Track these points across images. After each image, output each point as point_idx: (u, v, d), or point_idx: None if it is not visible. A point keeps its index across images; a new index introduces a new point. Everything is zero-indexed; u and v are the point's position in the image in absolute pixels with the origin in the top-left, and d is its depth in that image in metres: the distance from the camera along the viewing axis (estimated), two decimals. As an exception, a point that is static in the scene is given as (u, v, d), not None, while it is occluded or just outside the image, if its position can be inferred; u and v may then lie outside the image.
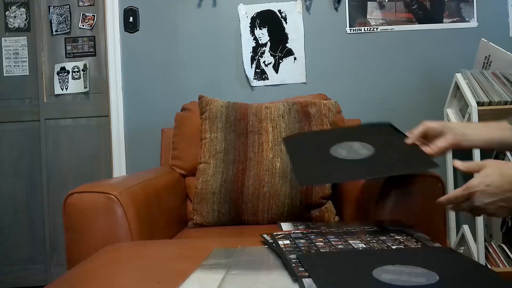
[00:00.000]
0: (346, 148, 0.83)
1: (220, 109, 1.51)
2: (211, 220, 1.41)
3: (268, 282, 0.62)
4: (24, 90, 2.25)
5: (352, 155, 0.79)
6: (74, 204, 1.05)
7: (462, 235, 1.84)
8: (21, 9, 2.26)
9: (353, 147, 0.84)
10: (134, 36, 2.14)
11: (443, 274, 0.61)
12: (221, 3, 2.12)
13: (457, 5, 2.07)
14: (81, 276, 0.75)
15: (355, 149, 0.82)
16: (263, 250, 0.81)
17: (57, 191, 2.22)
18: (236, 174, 1.41)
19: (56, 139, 2.24)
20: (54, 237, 2.23)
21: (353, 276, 0.62)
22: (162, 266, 0.75)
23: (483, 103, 1.70)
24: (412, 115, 2.08)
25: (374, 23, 2.09)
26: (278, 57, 2.10)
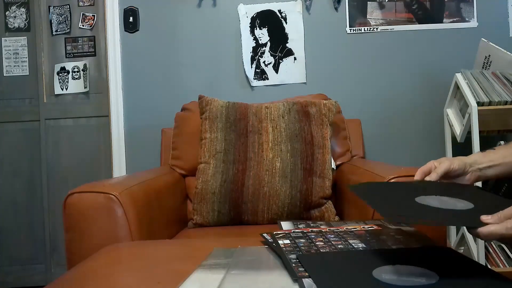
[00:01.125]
0: (437, 200, 0.71)
1: (220, 109, 1.51)
2: (211, 220, 1.41)
3: (268, 282, 0.62)
4: (24, 90, 2.25)
5: (447, 206, 0.69)
6: (74, 204, 1.05)
7: (462, 235, 1.84)
8: (21, 9, 2.26)
9: (445, 200, 0.72)
10: (134, 36, 2.14)
11: (443, 274, 0.61)
12: (221, 3, 2.12)
13: (457, 5, 2.07)
14: (81, 276, 0.75)
15: (449, 202, 0.71)
16: (263, 250, 0.81)
17: (57, 191, 2.22)
18: (236, 174, 1.41)
19: (56, 139, 2.24)
20: (54, 237, 2.23)
21: (353, 276, 0.62)
22: (162, 266, 0.75)
23: (483, 103, 1.70)
24: (412, 115, 2.08)
25: (374, 23, 2.09)
26: (278, 57, 2.10)
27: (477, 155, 0.88)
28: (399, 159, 2.02)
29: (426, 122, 2.07)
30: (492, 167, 0.86)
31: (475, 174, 0.86)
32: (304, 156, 1.42)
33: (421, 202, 0.70)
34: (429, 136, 2.06)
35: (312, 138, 1.45)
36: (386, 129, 2.07)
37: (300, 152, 1.42)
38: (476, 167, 0.86)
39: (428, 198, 0.72)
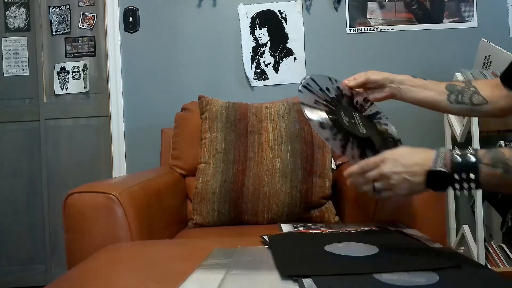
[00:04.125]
0: (345, 247, 0.77)
1: (220, 109, 1.51)
2: (211, 220, 1.41)
3: (268, 282, 0.62)
4: (24, 90, 2.25)
5: (352, 253, 0.73)
6: (74, 204, 1.05)
7: (462, 235, 1.84)
8: (21, 9, 2.26)
9: (353, 246, 0.78)
10: (134, 36, 2.14)
11: (443, 274, 0.61)
12: (221, 3, 2.12)
13: (457, 5, 2.07)
14: (81, 276, 0.75)
15: (355, 248, 0.76)
16: (263, 250, 0.81)
17: (57, 191, 2.22)
18: (236, 174, 1.41)
19: (56, 139, 2.24)
20: (54, 237, 2.23)
21: (355, 278, 0.62)
22: (162, 266, 0.75)
23: (483, 103, 1.70)
24: (412, 115, 2.08)
25: (374, 23, 2.09)
26: (278, 57, 2.10)
27: (407, 77, 0.97)
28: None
29: (426, 122, 2.07)
30: (412, 92, 0.97)
31: (393, 91, 0.97)
32: (304, 156, 1.42)
33: (331, 250, 0.75)
34: (429, 136, 2.06)
35: (312, 138, 1.45)
36: (386, 129, 2.07)
37: (300, 152, 1.42)
38: (397, 85, 0.97)
39: (338, 245, 0.78)
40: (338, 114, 0.89)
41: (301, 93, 0.90)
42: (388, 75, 0.96)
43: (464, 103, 0.93)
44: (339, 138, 0.84)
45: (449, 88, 0.95)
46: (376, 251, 0.73)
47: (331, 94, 0.94)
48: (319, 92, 0.93)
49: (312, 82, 0.94)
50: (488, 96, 0.92)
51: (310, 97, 0.90)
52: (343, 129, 0.86)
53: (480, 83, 0.95)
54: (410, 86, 0.96)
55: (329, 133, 0.83)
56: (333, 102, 0.92)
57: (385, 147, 0.86)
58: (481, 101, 0.92)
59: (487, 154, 0.66)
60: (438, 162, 0.68)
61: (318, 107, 0.88)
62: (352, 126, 0.88)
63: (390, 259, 0.69)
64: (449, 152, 0.69)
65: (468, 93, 0.93)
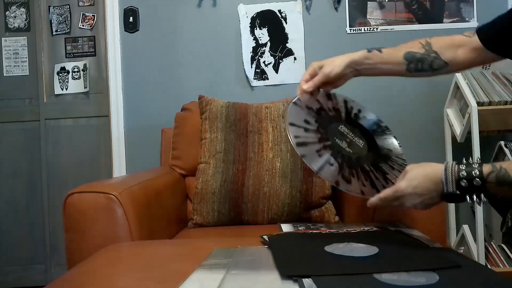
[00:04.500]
0: (346, 247, 0.78)
1: (220, 109, 1.51)
2: (211, 220, 1.41)
3: (268, 282, 0.62)
4: (24, 90, 2.25)
5: (352, 253, 0.74)
6: (74, 204, 1.05)
7: (462, 235, 1.84)
8: (21, 9, 2.26)
9: (353, 246, 0.79)
10: (134, 36, 2.14)
11: (443, 274, 0.61)
12: (221, 3, 2.12)
13: (457, 5, 2.07)
14: (81, 276, 0.75)
15: (356, 249, 0.77)
16: (263, 250, 0.81)
17: (57, 191, 2.22)
18: (236, 174, 1.41)
19: (56, 139, 2.24)
20: (54, 237, 2.23)
21: (355, 278, 0.62)
22: (162, 266, 0.75)
23: (483, 103, 1.70)
24: (412, 115, 2.08)
25: (374, 23, 2.09)
26: (278, 57, 2.10)
27: (363, 55, 0.94)
28: (399, 159, 2.02)
29: (426, 122, 2.07)
30: (370, 69, 0.95)
31: (352, 74, 0.97)
32: (304, 156, 1.42)
33: (331, 250, 0.76)
34: (429, 136, 2.06)
35: (312, 138, 1.45)
36: (386, 129, 2.07)
37: (300, 152, 1.42)
38: (355, 67, 0.95)
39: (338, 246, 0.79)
40: (332, 141, 0.88)
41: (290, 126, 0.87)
42: (344, 63, 0.93)
43: (424, 70, 0.93)
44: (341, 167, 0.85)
45: (408, 58, 0.93)
46: (376, 251, 0.73)
47: (312, 124, 0.91)
48: (302, 125, 0.89)
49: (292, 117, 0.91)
50: (450, 59, 0.92)
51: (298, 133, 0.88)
52: (342, 156, 0.87)
53: (441, 44, 0.93)
54: (367, 65, 0.94)
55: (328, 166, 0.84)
56: (319, 128, 0.90)
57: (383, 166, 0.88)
58: (442, 65, 0.93)
59: (492, 174, 0.70)
60: (449, 186, 0.74)
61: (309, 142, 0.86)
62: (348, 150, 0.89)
63: (390, 259, 0.70)
64: (456, 173, 0.73)
65: (428, 60, 0.93)
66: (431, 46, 0.94)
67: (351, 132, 0.94)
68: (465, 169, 0.72)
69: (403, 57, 0.93)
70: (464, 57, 0.91)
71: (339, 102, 1.00)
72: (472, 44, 0.90)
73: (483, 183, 0.70)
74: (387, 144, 0.99)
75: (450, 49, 0.92)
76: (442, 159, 1.98)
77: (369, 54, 0.93)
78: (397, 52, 0.94)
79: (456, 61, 0.92)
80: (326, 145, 0.87)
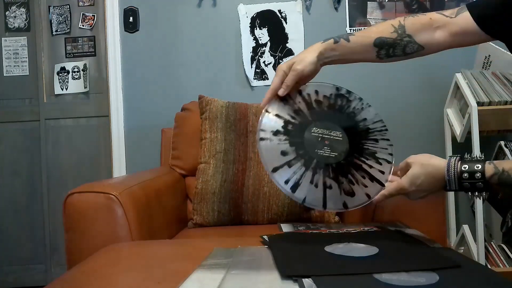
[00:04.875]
0: (345, 247, 0.78)
1: (220, 109, 1.51)
2: (211, 220, 1.41)
3: (268, 282, 0.62)
4: (24, 90, 2.25)
5: (352, 253, 0.74)
6: (74, 204, 1.05)
7: (462, 235, 1.84)
8: (21, 9, 2.26)
9: (353, 246, 0.79)
10: (134, 36, 2.14)
11: (443, 274, 0.61)
12: (221, 3, 2.12)
13: (457, 5, 2.07)
14: (81, 276, 0.75)
15: (355, 248, 0.77)
16: (263, 250, 0.81)
17: (57, 191, 2.22)
18: (236, 174, 1.41)
19: (56, 139, 2.24)
20: (54, 237, 2.23)
21: (355, 278, 0.62)
22: (162, 266, 0.75)
23: (483, 103, 1.70)
24: (412, 115, 2.08)
25: (374, 23, 2.09)
26: (278, 57, 2.10)
27: (330, 47, 0.89)
28: (399, 159, 2.02)
29: (426, 122, 2.07)
30: (339, 60, 0.91)
31: (322, 65, 0.90)
32: (304, 156, 1.42)
33: (331, 250, 0.75)
34: (429, 136, 2.06)
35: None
36: (386, 129, 2.06)
37: (300, 152, 1.42)
38: (323, 61, 0.89)
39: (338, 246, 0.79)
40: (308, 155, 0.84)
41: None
42: (315, 58, 0.86)
43: (396, 55, 0.88)
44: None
45: (378, 44, 0.87)
46: (376, 251, 0.73)
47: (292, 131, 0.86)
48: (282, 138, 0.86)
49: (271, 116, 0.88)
50: (425, 42, 0.86)
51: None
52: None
53: (416, 26, 0.86)
54: (334, 56, 0.89)
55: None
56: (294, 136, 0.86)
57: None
58: (416, 48, 0.87)
59: (495, 176, 0.70)
60: (451, 185, 0.74)
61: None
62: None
63: (390, 259, 0.70)
64: (458, 174, 0.73)
65: (401, 45, 0.86)
66: (404, 29, 0.86)
67: (324, 128, 0.88)
68: (467, 170, 0.72)
69: (372, 44, 0.87)
70: (442, 40, 0.85)
71: (297, 97, 0.92)
72: (454, 27, 0.83)
73: (486, 185, 0.71)
74: (359, 114, 0.93)
75: (426, 31, 0.85)
76: (442, 154, 1.98)
77: (335, 46, 0.88)
78: (366, 40, 0.88)
79: (432, 44, 0.86)
80: (315, 168, 0.82)
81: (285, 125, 0.87)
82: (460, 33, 0.83)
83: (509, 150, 1.76)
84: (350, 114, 0.91)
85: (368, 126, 0.91)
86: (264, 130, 0.86)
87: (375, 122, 0.92)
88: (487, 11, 0.81)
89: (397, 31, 0.86)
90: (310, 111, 0.89)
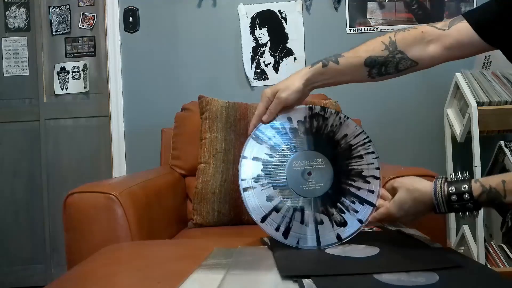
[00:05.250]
0: (346, 248, 0.77)
1: (220, 109, 1.51)
2: (211, 220, 1.41)
3: (268, 282, 0.62)
4: (24, 90, 2.25)
5: (352, 254, 0.73)
6: (74, 204, 1.05)
7: (462, 235, 1.84)
8: (21, 9, 2.26)
9: (353, 247, 0.77)
10: (134, 36, 2.14)
11: (443, 274, 0.61)
12: (221, 3, 2.12)
13: (457, 5, 2.07)
14: (81, 276, 0.75)
15: (356, 249, 0.76)
16: (263, 250, 0.81)
17: (57, 191, 2.22)
18: (236, 174, 1.41)
19: (56, 139, 2.24)
20: (54, 237, 2.23)
21: (355, 278, 0.62)
22: (162, 266, 0.75)
23: (483, 103, 1.70)
24: (412, 115, 2.08)
25: (374, 23, 2.09)
26: (278, 57, 2.10)
27: (318, 71, 0.84)
28: (399, 159, 2.01)
29: (426, 122, 2.07)
30: (328, 83, 0.87)
31: (310, 89, 0.87)
32: (304, 156, 1.42)
33: (331, 252, 0.74)
34: (429, 136, 2.06)
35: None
36: (386, 129, 2.07)
37: (300, 152, 1.42)
38: (311, 86, 0.86)
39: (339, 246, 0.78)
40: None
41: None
42: (300, 86, 0.82)
43: (389, 73, 0.85)
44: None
45: (369, 64, 0.84)
46: (376, 252, 0.73)
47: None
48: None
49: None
50: (418, 57, 0.82)
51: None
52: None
53: (407, 41, 0.83)
54: (323, 80, 0.86)
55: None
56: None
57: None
58: (410, 64, 0.83)
59: (483, 194, 0.69)
60: (440, 208, 0.73)
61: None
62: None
63: (390, 259, 0.69)
64: (446, 197, 0.71)
65: (393, 62, 0.83)
66: (395, 45, 0.83)
67: (305, 159, 0.83)
68: (455, 192, 0.70)
69: (363, 64, 0.84)
70: (436, 54, 0.82)
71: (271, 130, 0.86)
72: (448, 40, 0.80)
73: (475, 204, 0.70)
74: (338, 131, 0.86)
75: (418, 45, 0.82)
76: (442, 159, 1.98)
77: (324, 70, 0.84)
78: (356, 60, 0.85)
79: (425, 58, 0.82)
80: (303, 206, 0.80)
81: (264, 167, 0.82)
82: (456, 46, 0.81)
83: (509, 150, 1.76)
84: (329, 133, 0.85)
85: (350, 143, 0.85)
86: (244, 179, 0.83)
87: (357, 136, 0.86)
88: (485, 18, 0.78)
89: (388, 48, 0.84)
90: (287, 144, 0.84)
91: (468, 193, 0.70)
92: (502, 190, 0.68)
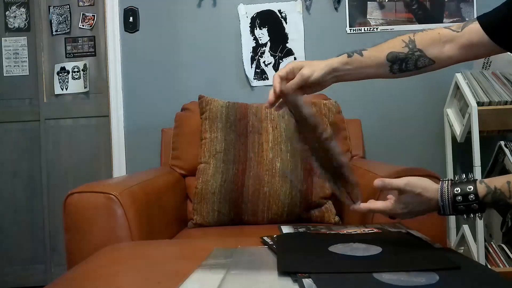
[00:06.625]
0: (348, 247, 0.78)
1: (220, 109, 1.51)
2: (211, 220, 1.41)
3: (268, 282, 0.62)
4: (24, 90, 2.25)
5: (355, 253, 0.74)
6: (74, 204, 1.05)
7: (462, 235, 1.84)
8: (21, 9, 2.26)
9: (355, 246, 0.79)
10: (134, 36, 2.14)
11: (443, 274, 0.61)
12: (221, 3, 2.12)
13: (457, 5, 2.07)
14: (81, 276, 0.75)
15: (359, 248, 0.77)
16: (263, 250, 0.81)
17: (57, 191, 2.22)
18: (236, 174, 1.41)
19: (56, 139, 2.24)
20: (54, 237, 2.23)
21: (355, 278, 0.62)
22: (162, 266, 0.75)
23: (483, 103, 1.70)
24: (412, 115, 2.08)
25: (374, 23, 2.09)
26: (278, 57, 2.10)
27: (343, 61, 0.88)
28: (399, 159, 2.01)
29: (426, 122, 2.07)
30: (350, 75, 0.90)
31: (332, 81, 0.90)
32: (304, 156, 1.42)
33: (333, 250, 0.75)
34: (429, 136, 2.06)
35: (312, 138, 1.45)
36: (386, 129, 2.07)
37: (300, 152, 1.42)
38: (334, 74, 0.88)
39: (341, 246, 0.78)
40: None
41: None
42: (325, 69, 0.86)
43: (409, 70, 0.89)
44: None
45: (391, 59, 0.88)
46: (377, 252, 0.73)
47: None
48: None
49: None
50: (435, 56, 0.87)
51: None
52: None
53: (426, 41, 0.87)
54: (347, 70, 0.89)
55: None
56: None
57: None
58: (428, 63, 0.88)
59: (488, 195, 0.70)
60: (446, 211, 0.74)
61: None
62: None
63: (390, 259, 0.70)
64: (452, 199, 0.73)
65: (413, 59, 0.88)
66: (415, 44, 0.88)
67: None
68: (460, 193, 0.72)
69: (385, 58, 0.88)
70: (452, 53, 0.86)
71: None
72: (461, 40, 0.85)
73: (480, 205, 0.71)
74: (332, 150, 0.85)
75: (435, 45, 0.87)
76: (442, 159, 1.98)
77: (349, 59, 0.88)
78: (379, 54, 0.89)
79: (442, 58, 0.87)
80: None
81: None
82: (468, 46, 0.85)
83: (509, 150, 1.76)
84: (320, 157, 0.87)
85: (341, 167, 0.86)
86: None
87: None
88: (495, 20, 0.82)
89: (408, 46, 0.88)
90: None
91: (473, 194, 0.71)
92: (507, 191, 0.69)
